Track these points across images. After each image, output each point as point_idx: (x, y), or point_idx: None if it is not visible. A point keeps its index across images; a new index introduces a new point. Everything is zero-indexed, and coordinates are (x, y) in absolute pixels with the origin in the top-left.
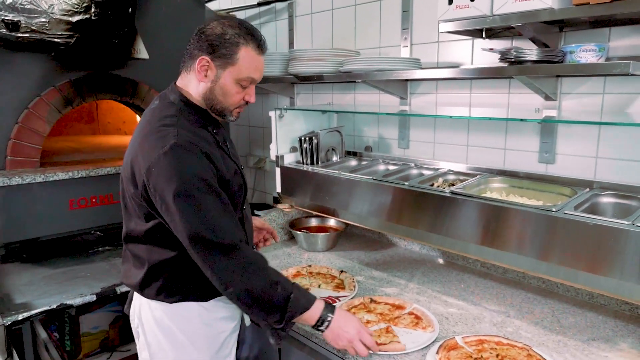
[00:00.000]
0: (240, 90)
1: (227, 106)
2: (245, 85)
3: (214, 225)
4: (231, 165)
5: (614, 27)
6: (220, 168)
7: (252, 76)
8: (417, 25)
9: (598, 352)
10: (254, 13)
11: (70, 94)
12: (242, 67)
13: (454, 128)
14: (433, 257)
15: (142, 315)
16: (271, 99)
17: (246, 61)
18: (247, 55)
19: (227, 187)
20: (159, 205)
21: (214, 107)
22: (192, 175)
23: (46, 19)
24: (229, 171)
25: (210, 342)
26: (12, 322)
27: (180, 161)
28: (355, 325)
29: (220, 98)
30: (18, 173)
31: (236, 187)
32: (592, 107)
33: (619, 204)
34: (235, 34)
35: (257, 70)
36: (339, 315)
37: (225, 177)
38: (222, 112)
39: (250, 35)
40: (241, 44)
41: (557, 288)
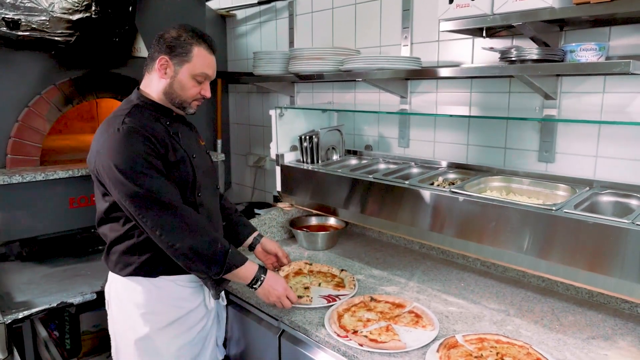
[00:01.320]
0: (196, 85)
1: (185, 99)
2: (200, 81)
3: (152, 187)
4: (180, 152)
5: (614, 27)
6: (165, 151)
7: (205, 72)
8: (417, 24)
9: (598, 351)
10: (254, 12)
11: (70, 93)
12: (197, 64)
13: (454, 127)
14: (433, 256)
15: (110, 288)
16: (271, 98)
17: (200, 59)
18: (200, 53)
19: (173, 168)
20: (106, 182)
21: (174, 101)
22: (132, 152)
23: (46, 17)
24: (176, 156)
25: (158, 318)
26: (13, 320)
27: (121, 142)
28: (283, 284)
29: (179, 92)
30: (18, 171)
31: (185, 171)
32: (592, 106)
33: (619, 203)
34: (189, 36)
35: (210, 67)
36: (270, 276)
37: (170, 160)
38: (181, 105)
39: (202, 37)
40: (194, 44)
41: (556, 287)
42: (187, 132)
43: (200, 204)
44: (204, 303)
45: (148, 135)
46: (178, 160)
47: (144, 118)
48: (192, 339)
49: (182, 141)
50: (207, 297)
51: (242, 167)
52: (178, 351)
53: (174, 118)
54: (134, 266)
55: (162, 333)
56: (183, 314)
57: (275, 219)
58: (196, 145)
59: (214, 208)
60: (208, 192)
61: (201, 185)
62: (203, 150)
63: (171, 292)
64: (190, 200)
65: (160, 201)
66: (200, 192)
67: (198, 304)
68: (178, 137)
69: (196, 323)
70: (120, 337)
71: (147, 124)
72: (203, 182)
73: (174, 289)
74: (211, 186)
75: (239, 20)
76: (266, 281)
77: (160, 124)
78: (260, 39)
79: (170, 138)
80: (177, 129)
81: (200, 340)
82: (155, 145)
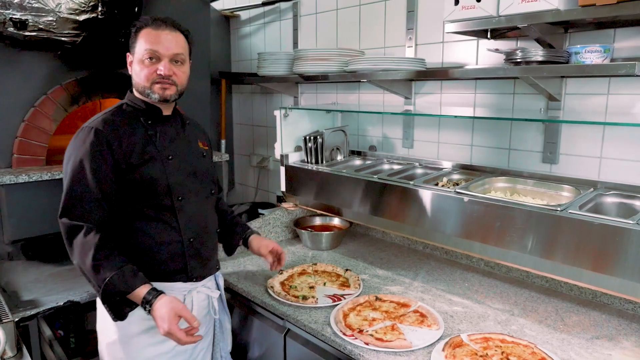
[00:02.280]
0: (148, 65)
1: (143, 84)
2: (150, 58)
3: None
4: (151, 153)
5: (618, 28)
6: (129, 152)
7: (150, 48)
8: (422, 26)
9: (602, 350)
10: (258, 13)
11: (76, 93)
12: (141, 44)
13: (458, 128)
14: (437, 256)
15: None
16: (275, 99)
17: (144, 37)
18: (144, 33)
19: (136, 169)
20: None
21: (141, 91)
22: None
23: (53, 18)
24: (143, 157)
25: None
26: (20, 318)
27: (73, 140)
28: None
29: (136, 80)
30: (25, 171)
31: (151, 171)
32: (597, 108)
33: (623, 204)
34: (137, 23)
35: (155, 42)
36: (159, 304)
37: (133, 161)
38: (145, 92)
39: (147, 19)
40: (140, 29)
41: (560, 287)
42: (173, 132)
43: (179, 209)
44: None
45: (106, 136)
46: (144, 161)
47: (121, 118)
48: (167, 352)
49: (159, 142)
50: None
51: (245, 168)
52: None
53: (162, 119)
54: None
55: (132, 342)
56: (154, 325)
57: (279, 219)
58: (183, 147)
59: (201, 214)
60: (194, 197)
61: (183, 190)
62: (197, 153)
63: None
64: (165, 204)
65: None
66: (182, 197)
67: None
68: (155, 138)
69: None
70: (99, 339)
71: (117, 125)
72: (186, 186)
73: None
74: (201, 191)
75: (243, 21)
76: (154, 309)
77: (139, 125)
78: (264, 39)
79: (144, 138)
80: (158, 130)
81: (179, 355)
82: (106, 148)
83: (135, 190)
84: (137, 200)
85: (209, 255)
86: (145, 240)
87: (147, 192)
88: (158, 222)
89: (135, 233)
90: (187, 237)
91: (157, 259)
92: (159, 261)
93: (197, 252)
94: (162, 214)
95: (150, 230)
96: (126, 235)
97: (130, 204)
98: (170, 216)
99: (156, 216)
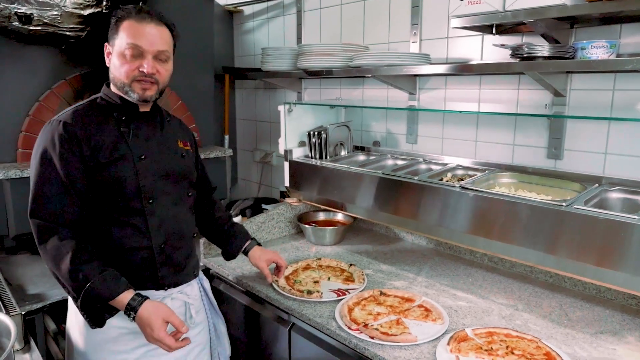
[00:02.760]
0: (130, 61)
1: (123, 80)
2: (132, 54)
3: (37, 200)
4: (121, 151)
5: (624, 24)
6: (96, 150)
7: (133, 42)
8: (426, 21)
9: (606, 345)
10: (262, 8)
11: (80, 87)
12: (123, 37)
13: (463, 123)
14: (440, 252)
15: None
16: (278, 94)
17: (127, 30)
18: (128, 25)
19: (104, 168)
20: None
21: (117, 86)
22: (42, 149)
23: (58, 12)
24: (112, 155)
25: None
26: (26, 312)
27: (40, 136)
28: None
29: (115, 74)
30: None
31: (121, 172)
32: (602, 103)
33: (628, 199)
34: (119, 12)
35: (140, 36)
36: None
37: (101, 159)
38: (124, 89)
39: (130, 8)
40: (124, 18)
41: (564, 282)
42: (149, 131)
43: (149, 213)
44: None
45: (76, 131)
46: (114, 160)
47: (94, 113)
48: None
49: (131, 140)
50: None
51: (248, 163)
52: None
53: (137, 115)
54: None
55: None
56: (124, 332)
57: (283, 214)
58: (159, 147)
59: (174, 217)
60: (167, 199)
61: (154, 192)
62: (174, 152)
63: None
64: (134, 207)
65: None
66: (153, 200)
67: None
68: (128, 135)
69: (145, 344)
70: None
71: (91, 120)
72: (158, 189)
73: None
74: (175, 194)
75: (247, 16)
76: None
77: (110, 121)
78: (267, 35)
79: (116, 136)
80: (132, 127)
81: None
82: (75, 143)
83: (102, 191)
84: (105, 202)
85: (182, 262)
86: (113, 245)
87: (115, 193)
88: (127, 226)
89: (103, 237)
90: (158, 242)
91: (127, 265)
92: (130, 268)
93: (169, 259)
94: (131, 218)
95: (119, 234)
96: (94, 239)
97: (98, 205)
98: (140, 220)
99: (125, 220)
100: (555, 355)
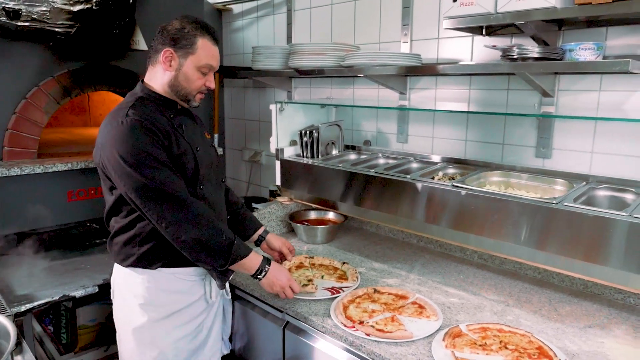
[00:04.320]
0: (201, 77)
1: (190, 91)
2: (204, 72)
3: (157, 179)
4: (184, 144)
5: (610, 27)
6: (169, 143)
7: (210, 63)
8: (417, 22)
9: (595, 339)
10: (251, 6)
11: (68, 85)
12: (201, 56)
13: (453, 123)
14: (431, 249)
15: (114, 278)
16: (267, 93)
17: (204, 50)
18: (205, 45)
19: (177, 160)
20: (112, 174)
21: (179, 93)
22: (136, 143)
23: (47, 8)
24: (180, 148)
25: (156, 309)
26: (15, 313)
27: (125, 133)
28: (286, 275)
29: (184, 84)
30: (16, 164)
31: (188, 163)
32: (589, 104)
33: (615, 197)
34: (193, 27)
35: (214, 58)
36: (274, 267)
37: (174, 152)
38: (186, 97)
39: (206, 29)
40: (198, 36)
41: (552, 278)
42: (191, 124)
43: (201, 197)
44: (204, 297)
45: (151, 127)
46: (181, 153)
47: (148, 110)
48: (190, 332)
49: (185, 134)
50: (208, 291)
51: (237, 162)
52: (175, 343)
53: (178, 111)
54: (134, 257)
55: (159, 324)
56: (181, 307)
57: (274, 212)
58: (200, 138)
59: (217, 201)
60: (211, 185)
61: (204, 179)
62: (208, 143)
63: (170, 284)
64: (191, 192)
65: (165, 193)
66: (203, 185)
67: (197, 297)
68: (182, 130)
69: (195, 317)
70: (121, 325)
71: (151, 116)
72: (206, 176)
73: (172, 281)
74: (215, 180)
75: (236, 14)
76: (270, 272)
77: (164, 117)
78: (257, 34)
79: (174, 130)
80: (181, 122)
81: (199, 334)
82: (158, 137)
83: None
84: None
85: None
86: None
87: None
88: None
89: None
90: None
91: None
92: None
93: None
94: None
95: None
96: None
97: None
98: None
99: None
100: (547, 349)
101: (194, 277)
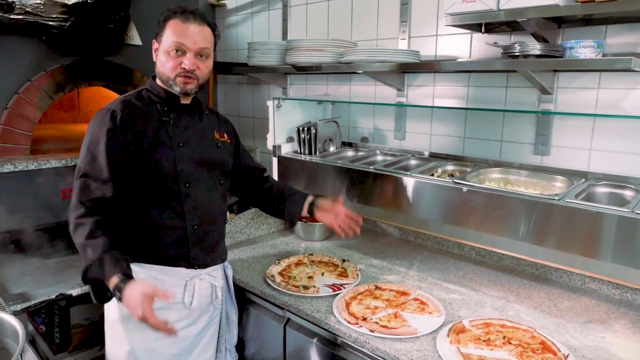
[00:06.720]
0: (174, 58)
1: (167, 75)
2: (178, 52)
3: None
4: (162, 139)
5: (610, 25)
6: (141, 134)
7: (177, 40)
8: (415, 18)
9: (595, 334)
10: (246, 2)
11: (62, 80)
12: (169, 35)
13: (451, 120)
14: (429, 246)
15: None
16: (262, 89)
17: (172, 29)
18: (173, 24)
19: (147, 153)
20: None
21: (164, 81)
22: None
23: (41, 1)
24: (156, 141)
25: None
26: (12, 312)
27: (91, 124)
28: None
29: (161, 69)
30: (10, 160)
31: (161, 158)
32: (587, 101)
33: (614, 193)
34: (166, 13)
35: (182, 35)
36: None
37: (144, 144)
38: (168, 82)
39: (177, 9)
40: (169, 18)
41: (550, 274)
42: (190, 121)
43: (186, 195)
44: (182, 302)
45: (122, 116)
46: (155, 145)
47: (140, 103)
48: (165, 337)
49: (171, 128)
50: (186, 297)
51: None
52: (148, 343)
53: (180, 106)
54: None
55: (130, 321)
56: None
57: None
58: (197, 136)
59: (207, 204)
60: (201, 185)
61: (190, 176)
62: (212, 143)
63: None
64: (173, 189)
65: (80, 179)
66: (190, 184)
67: (171, 302)
68: (168, 124)
69: (173, 322)
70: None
71: (137, 109)
72: (192, 174)
73: (142, 278)
74: (208, 179)
75: (230, 10)
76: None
77: (155, 110)
78: (251, 29)
79: (159, 123)
80: (175, 117)
81: (181, 341)
82: (121, 129)
83: (145, 174)
84: (147, 184)
85: (213, 244)
86: (149, 224)
87: (156, 176)
88: (164, 208)
89: (141, 216)
90: (191, 223)
91: (160, 243)
92: (162, 245)
93: (201, 240)
94: (169, 200)
95: (156, 214)
96: (132, 218)
97: (140, 188)
98: (176, 202)
99: (163, 201)
100: (550, 344)
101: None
